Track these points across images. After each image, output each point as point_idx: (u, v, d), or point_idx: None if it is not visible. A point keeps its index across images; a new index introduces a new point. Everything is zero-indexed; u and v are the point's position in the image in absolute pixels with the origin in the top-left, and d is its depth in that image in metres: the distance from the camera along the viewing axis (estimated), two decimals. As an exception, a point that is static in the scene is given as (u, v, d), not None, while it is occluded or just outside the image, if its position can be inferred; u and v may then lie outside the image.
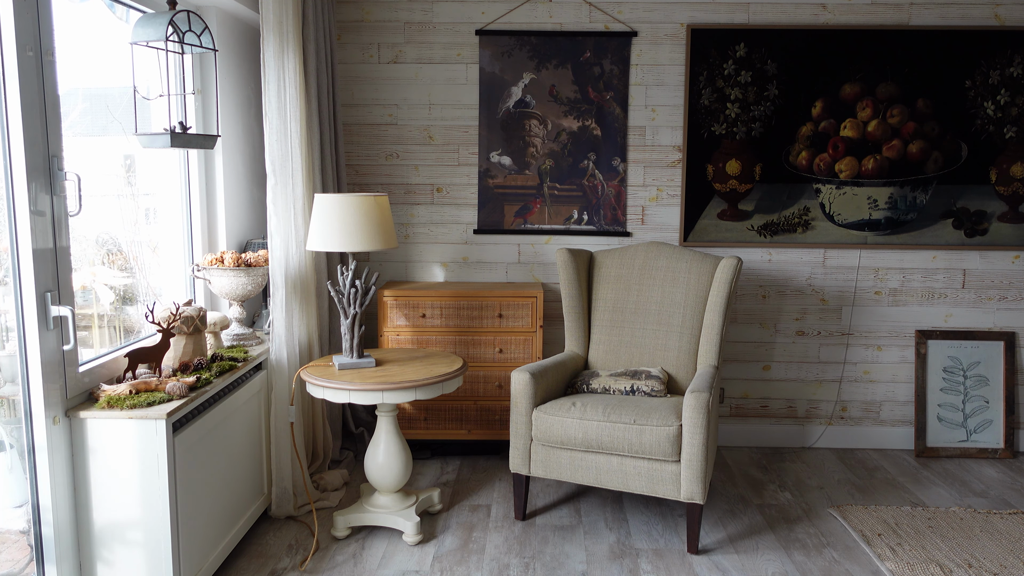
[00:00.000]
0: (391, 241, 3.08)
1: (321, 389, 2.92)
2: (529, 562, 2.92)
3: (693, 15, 3.93)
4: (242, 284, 3.14)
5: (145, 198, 3.21)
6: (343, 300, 3.05)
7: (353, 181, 4.09)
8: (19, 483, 2.36)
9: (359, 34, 4.00)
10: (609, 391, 3.29)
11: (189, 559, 2.47)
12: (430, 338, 3.74)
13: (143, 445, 2.31)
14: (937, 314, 4.11)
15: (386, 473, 3.05)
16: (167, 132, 2.66)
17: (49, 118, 2.19)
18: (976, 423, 4.05)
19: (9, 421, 2.38)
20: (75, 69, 2.60)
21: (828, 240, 4.04)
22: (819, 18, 3.92)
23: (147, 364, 2.62)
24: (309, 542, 3.02)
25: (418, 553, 2.97)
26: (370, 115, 4.05)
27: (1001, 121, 3.94)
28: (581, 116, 3.99)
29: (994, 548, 3.02)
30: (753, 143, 3.98)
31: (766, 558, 2.96)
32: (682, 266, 3.52)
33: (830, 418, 4.18)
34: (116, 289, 2.97)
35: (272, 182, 3.14)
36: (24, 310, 2.16)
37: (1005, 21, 3.90)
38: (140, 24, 2.63)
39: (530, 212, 4.06)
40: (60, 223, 2.24)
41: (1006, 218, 4.01)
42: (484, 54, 3.96)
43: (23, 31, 2.09)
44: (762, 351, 4.14)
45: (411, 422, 3.79)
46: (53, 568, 2.26)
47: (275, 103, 3.12)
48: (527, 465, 3.18)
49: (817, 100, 3.95)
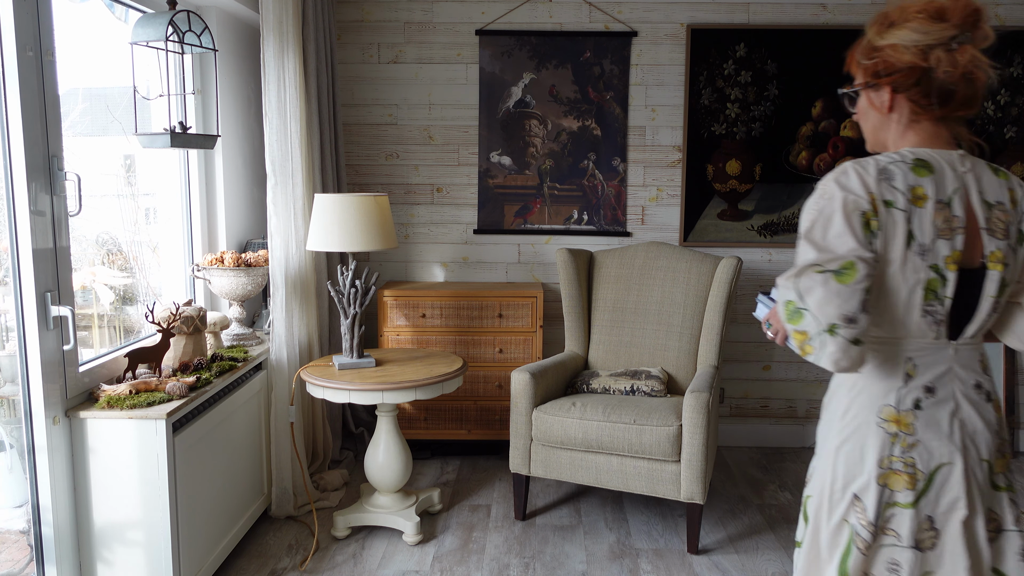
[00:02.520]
0: (391, 241, 3.08)
1: (321, 389, 2.92)
2: (529, 562, 2.92)
3: (693, 15, 3.93)
4: (242, 284, 3.14)
5: (145, 198, 3.21)
6: (343, 300, 3.05)
7: (353, 181, 4.09)
8: (19, 483, 2.36)
9: (359, 34, 4.00)
10: (609, 391, 3.29)
11: (189, 559, 2.47)
12: (430, 338, 3.74)
13: (143, 445, 2.31)
14: (937, 314, 4.10)
15: (386, 473, 3.05)
16: (167, 132, 2.66)
17: (49, 118, 2.19)
18: (976, 423, 4.05)
19: (9, 421, 2.38)
20: (75, 69, 2.60)
21: (828, 240, 4.03)
22: (819, 18, 3.92)
23: (147, 364, 2.62)
24: (309, 542, 3.02)
25: (418, 553, 2.97)
26: (370, 115, 4.05)
27: (1001, 121, 3.94)
28: (581, 116, 3.99)
29: (994, 548, 3.01)
30: (753, 143, 3.98)
31: (766, 558, 2.96)
32: (682, 266, 3.52)
33: (830, 418, 4.18)
34: (116, 289, 2.97)
35: (272, 182, 3.14)
36: (24, 310, 2.16)
37: (1005, 21, 3.90)
38: (140, 24, 2.62)
39: (530, 212, 4.06)
40: (60, 223, 2.24)
41: (1006, 218, 4.01)
42: (484, 54, 3.96)
43: (23, 31, 2.09)
44: (762, 351, 4.14)
45: (411, 422, 3.79)
46: (53, 568, 2.26)
47: (275, 103, 3.12)
48: (527, 465, 3.18)
49: (817, 100, 3.95)
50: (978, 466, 1.44)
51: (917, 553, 1.42)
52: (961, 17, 1.38)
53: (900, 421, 1.43)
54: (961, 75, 1.39)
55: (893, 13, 1.42)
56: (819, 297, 1.33)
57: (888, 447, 1.43)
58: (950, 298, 1.41)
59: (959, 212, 1.39)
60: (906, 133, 1.47)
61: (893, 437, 1.43)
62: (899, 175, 1.39)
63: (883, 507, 1.43)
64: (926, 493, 1.42)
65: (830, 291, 1.32)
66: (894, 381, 1.44)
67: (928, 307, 1.41)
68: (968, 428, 1.45)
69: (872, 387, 1.46)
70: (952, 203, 1.39)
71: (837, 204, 1.37)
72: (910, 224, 1.38)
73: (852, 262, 1.33)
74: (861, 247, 1.35)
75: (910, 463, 1.42)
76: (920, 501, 1.42)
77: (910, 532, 1.42)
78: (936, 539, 1.43)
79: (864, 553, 1.44)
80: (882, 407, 1.44)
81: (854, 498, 1.46)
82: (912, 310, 1.41)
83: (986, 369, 1.51)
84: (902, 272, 1.39)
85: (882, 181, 1.38)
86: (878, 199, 1.37)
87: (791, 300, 1.38)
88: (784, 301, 1.40)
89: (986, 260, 1.43)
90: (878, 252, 1.38)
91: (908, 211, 1.38)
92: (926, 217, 1.38)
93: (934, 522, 1.43)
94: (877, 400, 1.45)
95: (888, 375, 1.44)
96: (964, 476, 1.42)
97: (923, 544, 1.43)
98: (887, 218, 1.37)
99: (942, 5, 1.38)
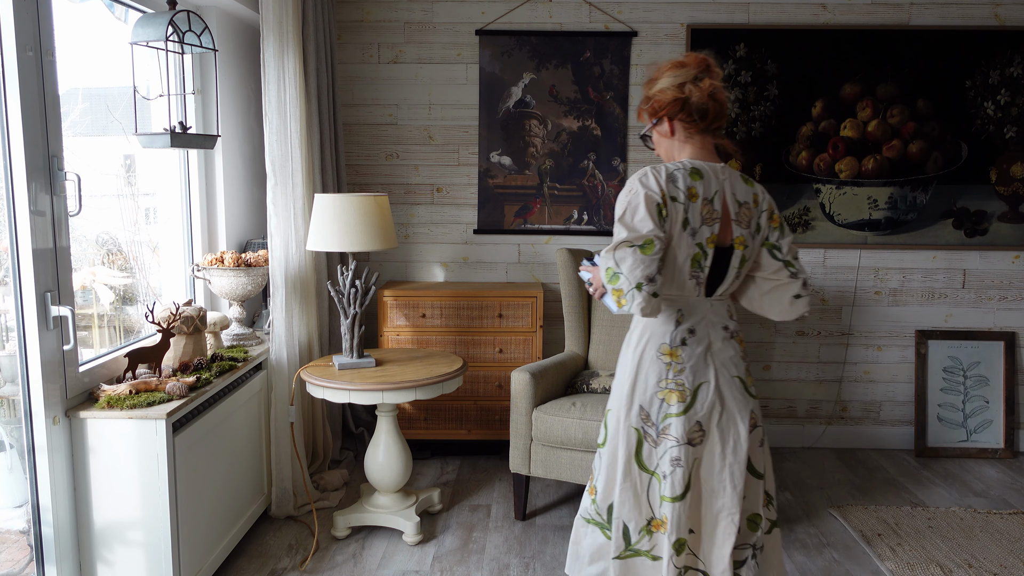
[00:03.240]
0: (391, 241, 3.08)
1: (321, 389, 2.92)
2: (529, 562, 2.92)
3: (693, 15, 3.93)
4: (242, 284, 3.14)
5: (145, 198, 3.21)
6: (343, 300, 3.05)
7: (353, 181, 4.09)
8: (19, 483, 2.36)
9: (359, 34, 4.00)
10: (609, 391, 3.29)
11: (189, 559, 2.47)
12: (430, 338, 3.74)
13: (143, 445, 2.31)
14: (937, 314, 4.11)
15: (386, 473, 3.05)
16: (167, 132, 2.66)
17: (49, 118, 2.19)
18: (976, 423, 4.05)
19: (9, 421, 2.38)
20: (75, 69, 2.60)
21: (828, 240, 4.04)
22: (819, 18, 3.92)
23: (147, 364, 2.62)
24: (309, 542, 3.02)
25: (418, 553, 2.97)
26: (370, 115, 4.05)
27: (1001, 121, 3.94)
28: (581, 116, 3.99)
29: (994, 548, 3.02)
30: (753, 143, 3.98)
31: (766, 558, 2.96)
32: (682, 266, 3.52)
33: (830, 418, 4.18)
34: (116, 289, 2.97)
35: (272, 182, 3.14)
36: (24, 310, 2.16)
37: (1005, 21, 3.90)
38: (140, 24, 2.63)
39: (530, 212, 4.06)
40: (60, 223, 2.24)
41: (1006, 218, 4.01)
42: (484, 54, 3.96)
43: (23, 31, 2.09)
44: (762, 351, 4.14)
45: (411, 422, 3.79)
46: (53, 568, 2.26)
47: (275, 103, 3.12)
48: (527, 465, 3.18)
49: (817, 100, 3.95)
50: (731, 381, 2.03)
51: (689, 447, 1.98)
52: (696, 63, 2.01)
53: (673, 354, 2.01)
54: (708, 97, 1.98)
55: (653, 72, 2.08)
56: (629, 264, 1.85)
57: (665, 372, 2.00)
58: (708, 267, 1.98)
59: (718, 207, 1.96)
60: (684, 148, 2.06)
61: (668, 366, 2.01)
62: (680, 178, 1.94)
63: (662, 417, 2.00)
64: (692, 405, 1.99)
65: (637, 260, 1.85)
66: (669, 326, 2.01)
67: (694, 273, 1.97)
68: (719, 357, 2.03)
69: (655, 330, 2.03)
70: (713, 200, 1.96)
71: (640, 198, 1.90)
72: (686, 213, 1.93)
73: (651, 239, 1.87)
74: (657, 228, 1.88)
75: (680, 383, 1.99)
76: (688, 411, 1.98)
77: (683, 433, 1.98)
78: (704, 437, 2.00)
79: (653, 447, 2.02)
80: (660, 344, 2.02)
81: (641, 409, 2.02)
82: (683, 275, 1.97)
83: (731, 316, 2.09)
84: (679, 247, 1.94)
85: (669, 182, 1.93)
86: (667, 195, 1.91)
87: (610, 267, 1.88)
88: (604, 268, 1.90)
89: (734, 242, 2.00)
90: (667, 232, 1.92)
91: (685, 204, 1.93)
92: (696, 209, 1.94)
93: (702, 425, 2.00)
94: (657, 339, 2.02)
95: (665, 321, 2.02)
96: (716, 389, 2.00)
97: (694, 441, 1.99)
98: (672, 208, 1.92)
99: (682, 60, 2.03)
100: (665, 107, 2.03)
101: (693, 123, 2.02)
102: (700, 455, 2.00)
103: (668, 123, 2.06)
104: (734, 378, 2.03)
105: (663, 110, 2.04)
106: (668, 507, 1.98)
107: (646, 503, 2.05)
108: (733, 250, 2.01)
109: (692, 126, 2.02)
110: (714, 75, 2.02)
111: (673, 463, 1.98)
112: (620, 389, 2.08)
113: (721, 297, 2.06)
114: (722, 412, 2.00)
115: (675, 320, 2.01)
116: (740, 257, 2.01)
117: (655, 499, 2.03)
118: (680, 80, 2.01)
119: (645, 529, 2.05)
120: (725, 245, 2.00)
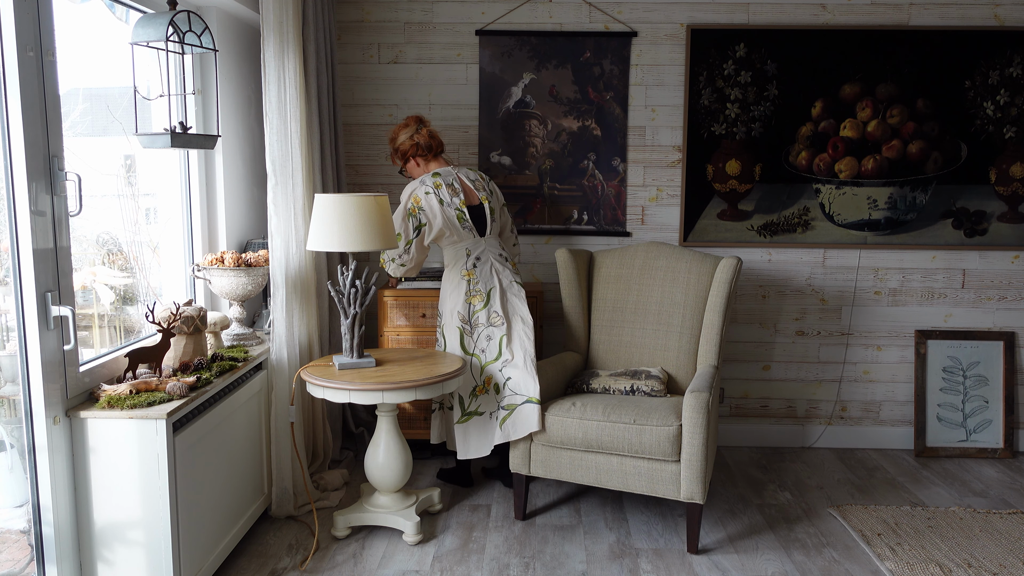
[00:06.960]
0: (391, 241, 3.08)
1: (321, 389, 2.92)
2: (529, 562, 2.92)
3: (693, 15, 3.93)
4: (242, 284, 3.14)
5: (145, 198, 3.21)
6: (343, 300, 3.06)
7: (353, 181, 4.09)
8: (19, 483, 2.36)
9: (359, 34, 4.00)
10: (609, 391, 3.29)
11: (189, 559, 2.47)
12: (430, 338, 3.74)
13: (143, 445, 2.31)
14: (937, 314, 4.11)
15: (386, 473, 3.06)
16: (167, 132, 2.67)
17: (49, 118, 2.19)
18: (976, 423, 4.06)
19: (9, 421, 2.38)
20: (75, 69, 2.60)
21: (828, 240, 4.04)
22: (819, 18, 3.93)
23: (147, 364, 2.62)
24: (309, 542, 3.02)
25: (418, 553, 2.97)
26: (370, 115, 4.05)
27: (1001, 121, 3.95)
28: (581, 116, 4.00)
29: (994, 548, 3.02)
30: (753, 143, 3.98)
31: (766, 558, 2.96)
32: (682, 266, 3.52)
33: (830, 418, 4.18)
34: (116, 289, 2.97)
35: (272, 182, 3.14)
36: (24, 310, 2.17)
37: (1004, 21, 3.90)
38: (140, 24, 2.63)
39: (530, 212, 4.07)
40: (60, 223, 2.25)
41: (1006, 218, 4.02)
42: (484, 54, 3.97)
43: (23, 31, 2.09)
44: (762, 351, 4.15)
45: (411, 422, 3.80)
46: (53, 568, 2.26)
47: (275, 103, 3.12)
48: (527, 465, 3.19)
49: (817, 100, 3.95)
50: (512, 285, 3.30)
51: (494, 328, 3.21)
52: (414, 121, 3.40)
53: (470, 274, 3.27)
54: (427, 137, 3.37)
55: (392, 134, 3.45)
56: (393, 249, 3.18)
57: (467, 286, 3.26)
58: (469, 219, 3.28)
59: (458, 186, 3.31)
60: (428, 167, 3.42)
61: (468, 282, 3.26)
62: (429, 181, 3.28)
63: (472, 314, 3.24)
64: (489, 302, 3.23)
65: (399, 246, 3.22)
66: (463, 258, 3.30)
67: (463, 225, 3.27)
68: (499, 272, 3.30)
69: (456, 263, 3.31)
70: (453, 184, 3.30)
71: (407, 201, 3.25)
72: (440, 197, 3.24)
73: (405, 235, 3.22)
74: (411, 228, 3.21)
75: (478, 290, 3.25)
76: (486, 307, 3.23)
77: (487, 320, 3.23)
78: (502, 320, 3.21)
79: (470, 337, 3.24)
80: (461, 269, 3.29)
81: (458, 314, 3.25)
82: (459, 228, 3.27)
83: (503, 248, 3.40)
84: (445, 215, 3.23)
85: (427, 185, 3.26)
86: (423, 195, 3.24)
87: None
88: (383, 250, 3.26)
89: (481, 201, 3.35)
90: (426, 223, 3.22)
91: (438, 193, 3.24)
92: (444, 191, 3.25)
93: (500, 313, 3.21)
94: (459, 268, 3.29)
95: (462, 257, 3.30)
96: (500, 291, 3.25)
97: (495, 323, 3.22)
98: (427, 203, 3.23)
99: (407, 121, 3.41)
100: (408, 150, 3.38)
101: (426, 155, 3.39)
102: (504, 333, 3.19)
103: (413, 160, 3.41)
104: (512, 283, 3.29)
105: (407, 152, 3.39)
106: (490, 367, 3.21)
107: (470, 376, 3.24)
108: (483, 206, 3.34)
109: (425, 156, 3.40)
110: (426, 124, 3.39)
111: (486, 340, 3.22)
112: (445, 305, 3.32)
113: (491, 236, 3.36)
114: (507, 301, 3.25)
115: (465, 254, 3.30)
116: (489, 208, 3.35)
117: (476, 372, 3.24)
118: (410, 133, 3.37)
119: (471, 395, 3.24)
120: (475, 204, 3.33)
